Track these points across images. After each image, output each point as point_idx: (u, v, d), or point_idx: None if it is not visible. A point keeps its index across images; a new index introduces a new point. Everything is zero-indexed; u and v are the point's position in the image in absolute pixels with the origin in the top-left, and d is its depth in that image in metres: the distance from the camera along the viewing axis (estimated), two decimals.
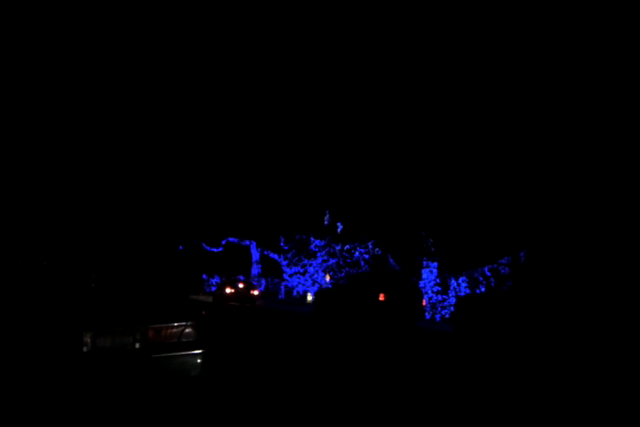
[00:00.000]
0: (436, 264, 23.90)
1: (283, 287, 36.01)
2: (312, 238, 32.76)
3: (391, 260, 28.07)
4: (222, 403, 7.08)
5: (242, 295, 29.49)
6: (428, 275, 23.94)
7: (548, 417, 6.44)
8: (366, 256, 29.93)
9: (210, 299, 32.14)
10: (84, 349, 6.30)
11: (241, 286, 29.79)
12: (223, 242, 40.66)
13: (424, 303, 19.98)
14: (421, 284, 23.75)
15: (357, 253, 30.32)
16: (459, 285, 23.06)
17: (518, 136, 23.49)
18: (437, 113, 26.40)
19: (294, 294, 34.64)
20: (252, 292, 29.77)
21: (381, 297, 18.86)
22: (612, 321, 12.39)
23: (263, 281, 38.29)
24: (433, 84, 26.89)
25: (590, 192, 20.87)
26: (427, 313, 22.98)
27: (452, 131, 25.60)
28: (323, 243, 32.15)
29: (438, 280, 23.78)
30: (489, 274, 22.47)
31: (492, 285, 22.22)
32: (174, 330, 6.78)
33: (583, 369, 10.57)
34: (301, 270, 33.71)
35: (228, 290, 29.86)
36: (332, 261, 31.42)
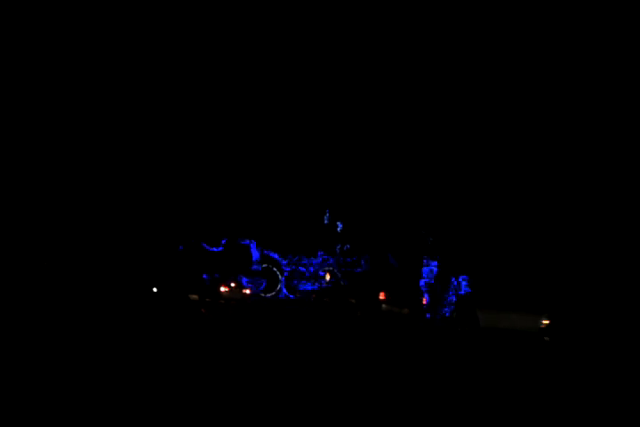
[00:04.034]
0: (435, 263, 23.94)
1: (283, 286, 36.08)
2: (312, 237, 32.83)
3: (391, 258, 28.08)
4: None
5: (234, 294, 30.57)
6: (429, 273, 23.96)
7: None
8: (366, 255, 29.95)
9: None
10: None
11: (233, 285, 30.90)
12: (223, 241, 40.67)
13: (424, 302, 20.00)
14: (422, 282, 23.77)
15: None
16: (459, 283, 23.07)
17: (519, 136, 23.51)
18: (437, 113, 26.43)
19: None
20: (243, 291, 30.96)
21: (382, 296, 18.86)
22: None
23: (264, 281, 38.33)
24: (433, 83, 26.92)
25: (591, 191, 20.88)
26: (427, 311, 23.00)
27: (452, 131, 25.63)
28: (323, 242, 32.21)
29: (439, 278, 23.81)
30: None
31: None
32: None
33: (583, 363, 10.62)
34: (302, 269, 33.76)
35: (222, 289, 30.89)
36: (332, 260, 31.44)
